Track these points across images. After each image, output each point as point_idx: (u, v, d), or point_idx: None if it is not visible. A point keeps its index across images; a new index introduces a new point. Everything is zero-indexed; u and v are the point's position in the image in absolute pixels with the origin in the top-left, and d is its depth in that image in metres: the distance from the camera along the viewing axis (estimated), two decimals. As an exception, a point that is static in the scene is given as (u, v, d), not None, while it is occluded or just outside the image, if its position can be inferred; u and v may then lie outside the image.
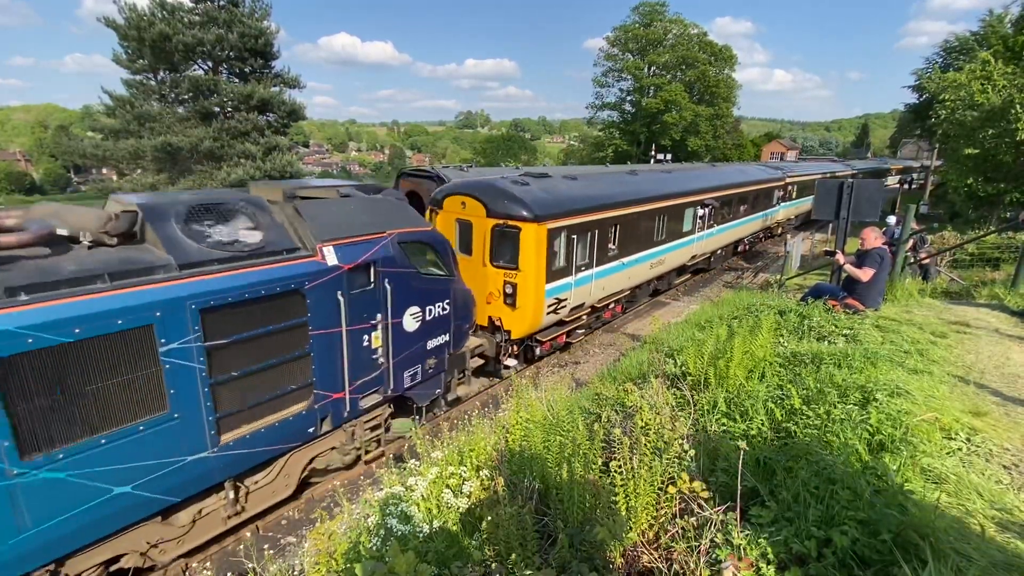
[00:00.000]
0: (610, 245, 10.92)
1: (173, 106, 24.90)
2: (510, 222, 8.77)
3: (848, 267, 6.62)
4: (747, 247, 21.70)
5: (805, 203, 26.97)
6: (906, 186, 49.79)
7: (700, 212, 15.10)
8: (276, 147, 25.98)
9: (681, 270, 15.97)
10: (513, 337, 9.27)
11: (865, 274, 6.41)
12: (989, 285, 9.10)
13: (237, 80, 25.85)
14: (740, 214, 18.31)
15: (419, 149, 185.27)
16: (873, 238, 6.60)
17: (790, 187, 24.15)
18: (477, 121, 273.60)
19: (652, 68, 50.86)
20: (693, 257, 15.62)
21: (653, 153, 40.32)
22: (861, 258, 6.58)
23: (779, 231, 26.01)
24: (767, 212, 21.84)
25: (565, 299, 9.76)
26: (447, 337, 7.29)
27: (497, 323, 9.26)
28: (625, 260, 11.48)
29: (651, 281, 13.91)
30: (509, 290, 9.00)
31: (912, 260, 10.21)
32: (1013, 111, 17.06)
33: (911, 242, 10.34)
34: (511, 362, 9.55)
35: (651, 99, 48.94)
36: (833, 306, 6.40)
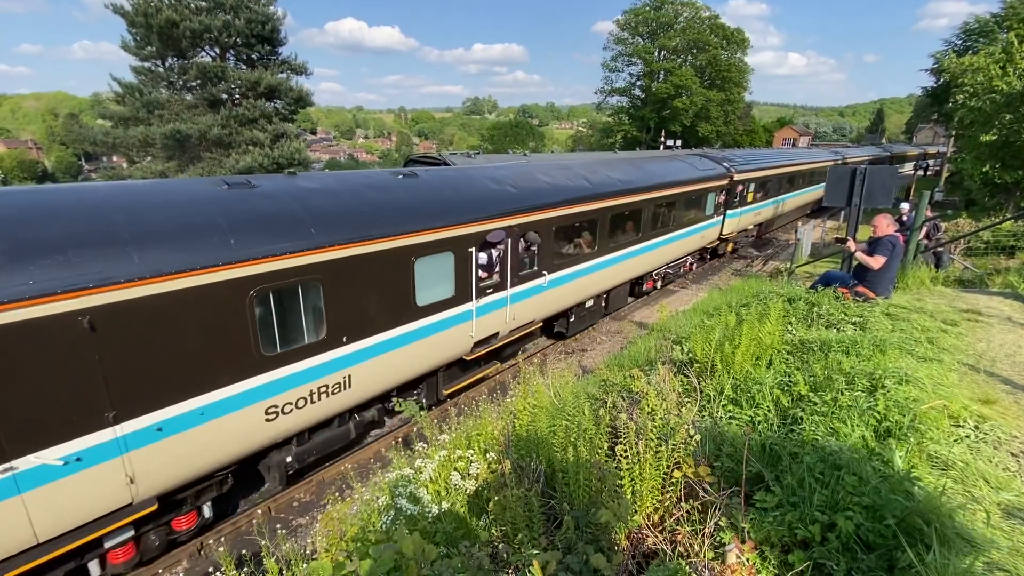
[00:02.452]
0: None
1: (181, 93, 24.91)
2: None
3: (859, 254, 6.55)
4: (656, 282, 14.21)
5: (767, 208, 20.36)
6: (921, 172, 48.87)
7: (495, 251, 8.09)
8: (284, 134, 25.97)
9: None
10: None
11: (876, 262, 6.33)
12: (1003, 273, 8.96)
13: (244, 67, 25.78)
14: (630, 239, 11.49)
15: (426, 136, 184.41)
16: (885, 225, 6.51)
17: (743, 188, 17.16)
18: (484, 107, 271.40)
19: (662, 52, 50.05)
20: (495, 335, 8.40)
21: (663, 139, 39.87)
22: (873, 245, 6.50)
23: (729, 249, 19.05)
24: (696, 228, 14.91)
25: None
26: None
27: None
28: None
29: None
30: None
31: (925, 247, 10.06)
32: (1034, 95, 16.61)
33: (924, 229, 10.18)
34: None
35: (661, 84, 48.23)
36: (843, 294, 6.35)
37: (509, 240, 7.86)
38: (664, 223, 12.94)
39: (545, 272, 8.85)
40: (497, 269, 8.04)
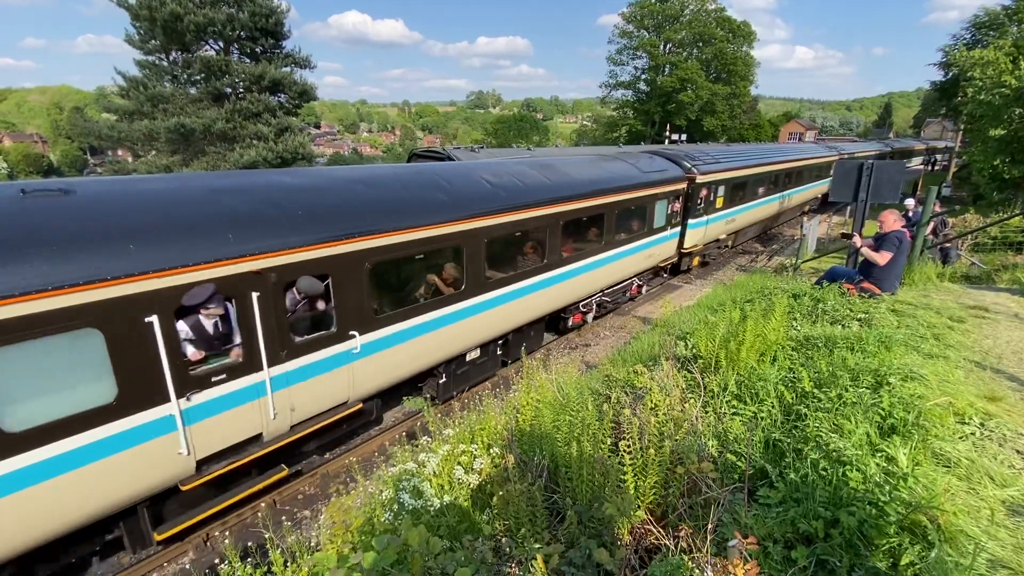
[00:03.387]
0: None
1: (185, 87, 24.92)
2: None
3: (865, 250, 6.51)
4: (587, 314, 11.06)
5: (744, 214, 17.25)
6: (928, 167, 48.46)
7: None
8: (288, 128, 25.97)
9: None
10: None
11: (882, 257, 6.29)
12: (1011, 269, 8.89)
13: (248, 60, 25.76)
14: (529, 267, 8.68)
15: (430, 130, 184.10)
16: (892, 221, 6.46)
17: (709, 191, 14.19)
18: (488, 101, 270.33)
19: (668, 45, 49.71)
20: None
21: (668, 133, 39.64)
22: (879, 241, 6.46)
23: (696, 263, 15.82)
24: (641, 246, 11.77)
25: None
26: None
27: None
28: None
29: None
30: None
31: (932, 243, 10.00)
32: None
33: (931, 225, 10.11)
34: None
35: (666, 77, 47.93)
36: (848, 290, 6.32)
37: (255, 296, 4.97)
38: (589, 242, 9.98)
39: (355, 332, 5.97)
40: (239, 340, 5.11)
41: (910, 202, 13.00)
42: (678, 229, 13.50)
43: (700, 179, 13.49)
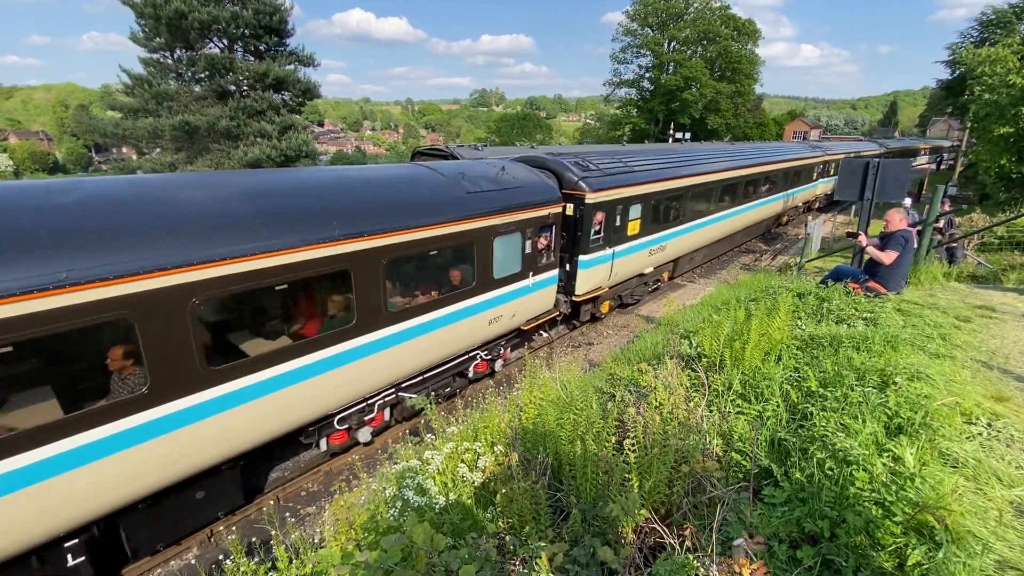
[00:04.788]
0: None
1: (190, 84, 24.97)
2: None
3: (870, 249, 6.47)
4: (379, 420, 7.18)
5: (676, 239, 12.94)
6: (934, 166, 48.18)
7: None
8: (291, 126, 25.99)
9: None
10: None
11: (888, 257, 6.26)
12: (1018, 269, 8.84)
13: (252, 58, 25.78)
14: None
15: (433, 128, 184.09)
16: (898, 220, 6.42)
17: (607, 215, 10.10)
18: (492, 99, 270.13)
19: (672, 43, 49.56)
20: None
21: (672, 131, 39.53)
22: (885, 240, 6.42)
23: (605, 309, 11.71)
24: (465, 310, 7.47)
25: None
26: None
27: None
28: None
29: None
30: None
31: (938, 243, 9.94)
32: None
33: (940, 222, 10.05)
34: None
35: (670, 76, 47.79)
36: (854, 289, 6.28)
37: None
38: (334, 318, 5.92)
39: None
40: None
41: (907, 201, 12.92)
42: (553, 273, 9.28)
43: (593, 198, 9.47)
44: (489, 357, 8.74)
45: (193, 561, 5.52)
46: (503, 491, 2.85)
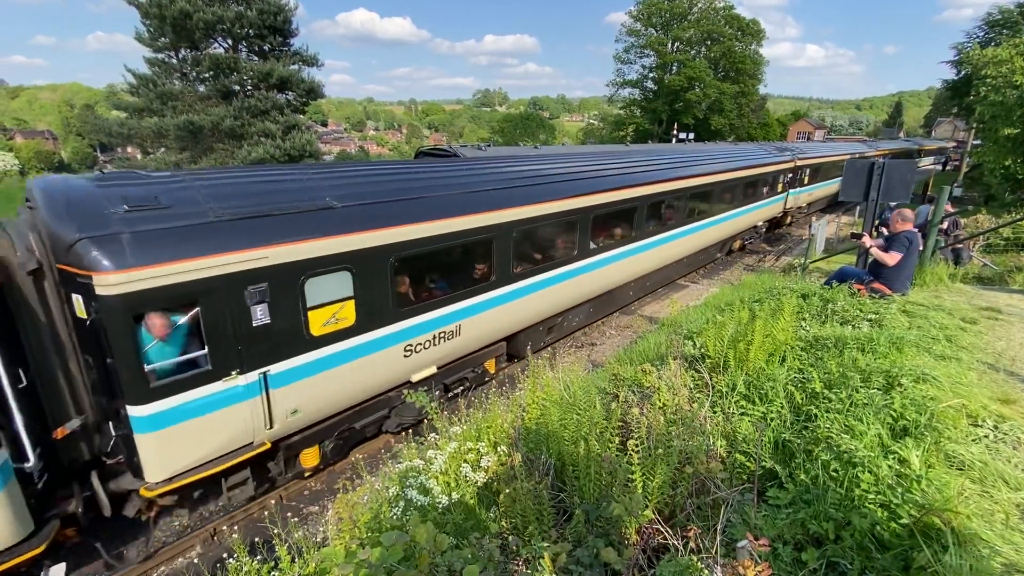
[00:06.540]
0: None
1: (194, 84, 25.05)
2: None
3: (875, 250, 6.44)
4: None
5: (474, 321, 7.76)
6: (939, 167, 47.95)
7: None
8: (295, 126, 26.05)
9: None
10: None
11: (892, 258, 6.23)
12: (1024, 270, 8.78)
13: (256, 58, 25.85)
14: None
15: (436, 128, 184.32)
16: (902, 221, 6.39)
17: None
18: (495, 99, 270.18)
19: (676, 44, 49.47)
20: None
21: (675, 132, 39.46)
22: (889, 241, 6.39)
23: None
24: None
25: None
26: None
27: None
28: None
29: None
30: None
31: (944, 244, 9.88)
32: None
33: (945, 224, 9.99)
34: None
35: (674, 76, 47.73)
36: (858, 290, 6.26)
37: None
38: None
39: None
40: None
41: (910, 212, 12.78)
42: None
43: (126, 281, 4.18)
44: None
45: (196, 559, 5.54)
46: (506, 491, 2.85)
